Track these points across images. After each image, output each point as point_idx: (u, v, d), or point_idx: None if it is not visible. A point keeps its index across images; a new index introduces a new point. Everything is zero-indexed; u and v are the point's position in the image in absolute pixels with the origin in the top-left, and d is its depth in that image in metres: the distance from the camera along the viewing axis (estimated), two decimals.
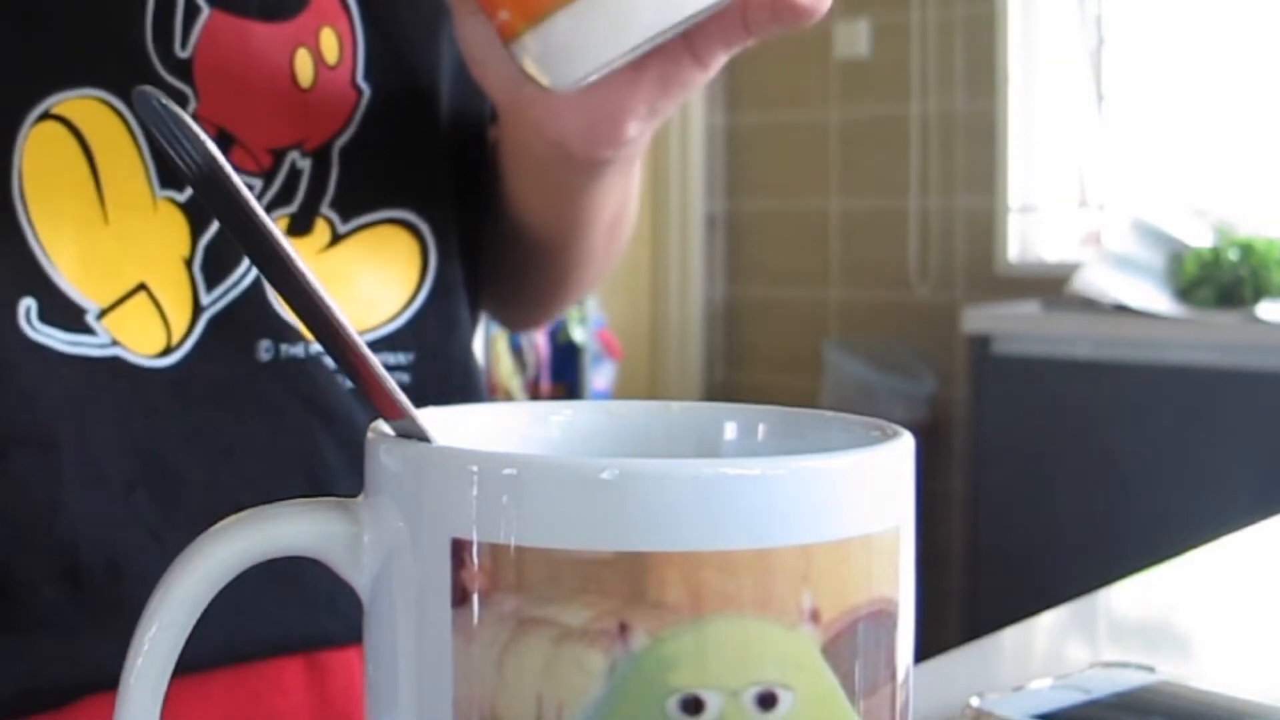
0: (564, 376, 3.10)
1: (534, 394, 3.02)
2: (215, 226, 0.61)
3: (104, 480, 0.59)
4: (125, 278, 0.60)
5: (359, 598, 0.33)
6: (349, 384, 0.64)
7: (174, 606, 0.32)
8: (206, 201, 0.30)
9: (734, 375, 3.41)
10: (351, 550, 0.32)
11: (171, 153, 0.29)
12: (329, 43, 0.64)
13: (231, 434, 0.61)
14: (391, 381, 0.32)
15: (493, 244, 0.73)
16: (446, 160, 0.69)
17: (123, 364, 0.59)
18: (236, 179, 0.29)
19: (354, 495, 0.33)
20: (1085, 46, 2.97)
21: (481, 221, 0.72)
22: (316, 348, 0.63)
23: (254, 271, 0.62)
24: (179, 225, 0.61)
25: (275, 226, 0.30)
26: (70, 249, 0.59)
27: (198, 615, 0.32)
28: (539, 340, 3.06)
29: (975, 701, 0.54)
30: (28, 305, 0.58)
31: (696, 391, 3.38)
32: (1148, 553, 0.97)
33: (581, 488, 0.29)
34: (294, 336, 0.63)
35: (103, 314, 0.59)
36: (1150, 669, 0.57)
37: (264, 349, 0.62)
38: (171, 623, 0.32)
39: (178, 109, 0.28)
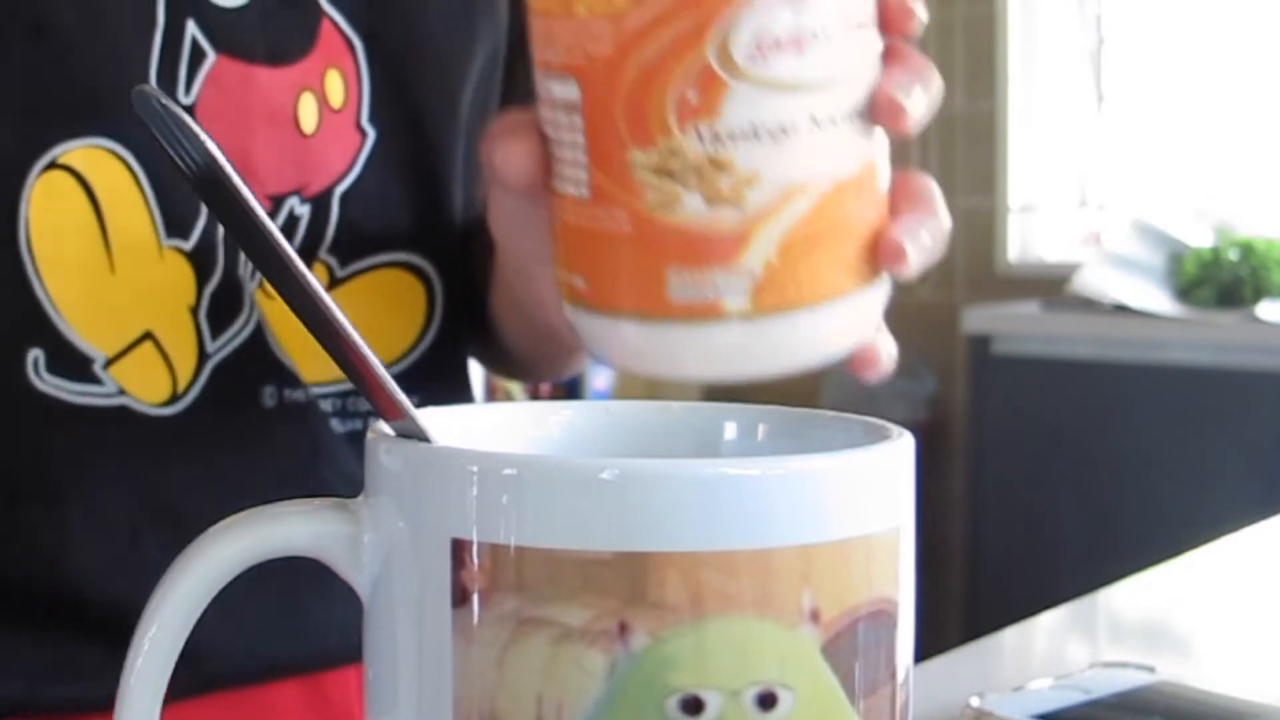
0: None
1: (534, 394, 3.02)
2: (220, 274, 0.61)
3: (110, 529, 0.59)
4: (132, 326, 0.60)
5: (356, 617, 0.33)
6: (345, 427, 0.64)
7: (174, 606, 0.32)
8: (206, 201, 0.30)
9: None
10: (351, 550, 0.32)
11: (171, 153, 0.29)
12: (334, 85, 0.63)
13: (238, 479, 0.61)
14: (392, 382, 0.32)
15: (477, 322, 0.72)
16: (455, 201, 0.68)
17: (130, 413, 0.60)
18: (236, 178, 0.29)
19: None
20: (1085, 46, 2.97)
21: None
22: (317, 391, 0.63)
23: (256, 319, 0.62)
24: (185, 274, 0.61)
25: (274, 226, 0.30)
26: (77, 298, 0.59)
27: (198, 615, 0.32)
28: None
29: (975, 701, 0.54)
30: (35, 356, 0.58)
31: (696, 391, 3.37)
32: (1148, 553, 0.97)
33: (581, 488, 0.29)
34: (296, 381, 0.63)
35: (109, 363, 0.59)
36: (1150, 669, 0.57)
37: (268, 395, 0.62)
38: (171, 623, 0.32)
39: (177, 108, 0.28)
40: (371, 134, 0.64)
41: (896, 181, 0.47)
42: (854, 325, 0.47)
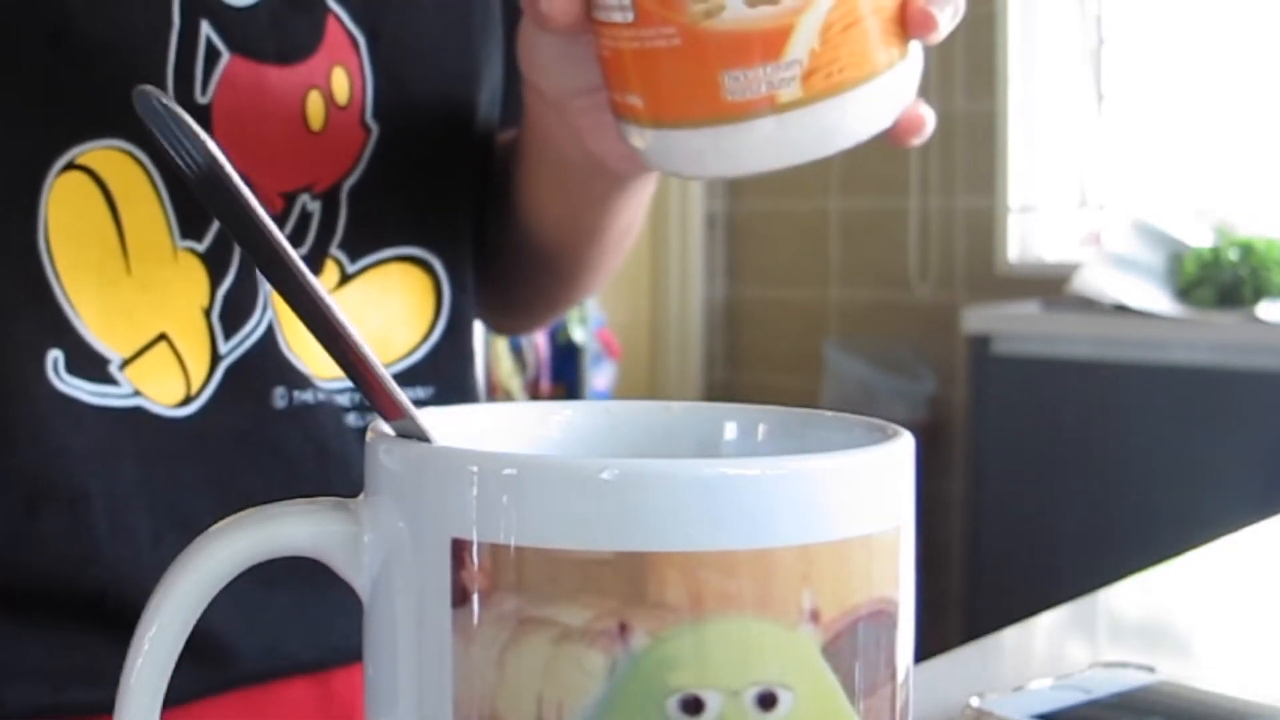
0: (564, 376, 3.10)
1: (534, 394, 3.02)
2: (233, 276, 0.62)
3: (132, 532, 0.59)
4: (146, 328, 0.60)
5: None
6: (363, 422, 0.65)
7: (174, 606, 0.32)
8: (206, 201, 0.30)
9: (734, 375, 3.40)
10: (351, 550, 0.32)
11: (171, 152, 0.29)
12: (340, 83, 0.64)
13: (249, 482, 0.62)
14: (391, 381, 0.32)
15: (493, 251, 0.73)
16: (458, 194, 0.69)
17: (144, 415, 0.60)
18: (236, 178, 0.29)
19: None
20: (1085, 46, 2.97)
21: (481, 242, 0.72)
22: (326, 391, 0.64)
23: (268, 319, 0.62)
24: (199, 275, 0.61)
25: (274, 226, 0.30)
26: (94, 300, 0.59)
27: (198, 614, 0.32)
28: (539, 340, 3.05)
29: (975, 701, 0.54)
30: (55, 357, 0.58)
31: (696, 391, 3.37)
32: (1148, 552, 0.97)
33: (581, 488, 0.29)
34: (305, 383, 0.63)
35: (125, 364, 0.59)
36: (1150, 669, 0.57)
37: (279, 396, 0.63)
38: (171, 622, 0.32)
39: (178, 108, 0.28)
40: (375, 130, 0.64)
41: None
42: (895, 98, 0.51)
